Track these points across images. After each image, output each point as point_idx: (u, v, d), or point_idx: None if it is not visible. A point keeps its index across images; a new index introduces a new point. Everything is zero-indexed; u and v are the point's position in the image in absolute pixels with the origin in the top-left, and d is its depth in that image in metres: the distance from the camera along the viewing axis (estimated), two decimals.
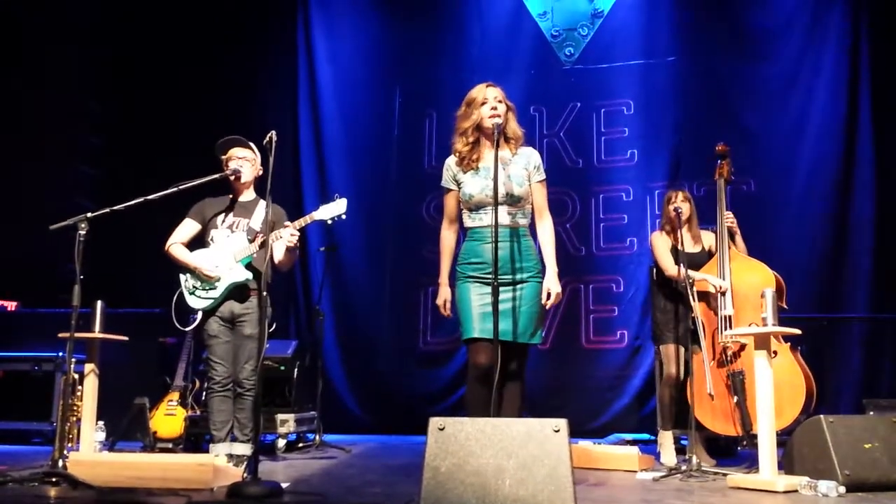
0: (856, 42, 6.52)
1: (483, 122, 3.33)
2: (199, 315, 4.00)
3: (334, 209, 3.90)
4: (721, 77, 6.74)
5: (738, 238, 4.61)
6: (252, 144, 4.08)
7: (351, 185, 7.29)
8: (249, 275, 3.95)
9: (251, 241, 3.96)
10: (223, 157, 4.09)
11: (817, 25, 6.69)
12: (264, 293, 3.35)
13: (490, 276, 3.17)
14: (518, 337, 3.25)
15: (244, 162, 4.07)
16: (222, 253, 3.98)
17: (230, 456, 3.86)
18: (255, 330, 3.85)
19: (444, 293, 3.41)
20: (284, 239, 3.86)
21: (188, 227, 4.11)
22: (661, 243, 4.65)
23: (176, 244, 4.07)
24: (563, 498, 2.32)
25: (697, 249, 4.65)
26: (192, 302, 4.00)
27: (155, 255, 4.21)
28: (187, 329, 4.09)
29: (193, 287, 4.01)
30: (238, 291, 3.97)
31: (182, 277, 4.05)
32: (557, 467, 2.35)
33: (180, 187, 3.81)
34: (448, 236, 3.50)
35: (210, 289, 3.97)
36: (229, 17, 7.47)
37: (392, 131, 7.46)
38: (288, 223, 3.94)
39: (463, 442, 2.46)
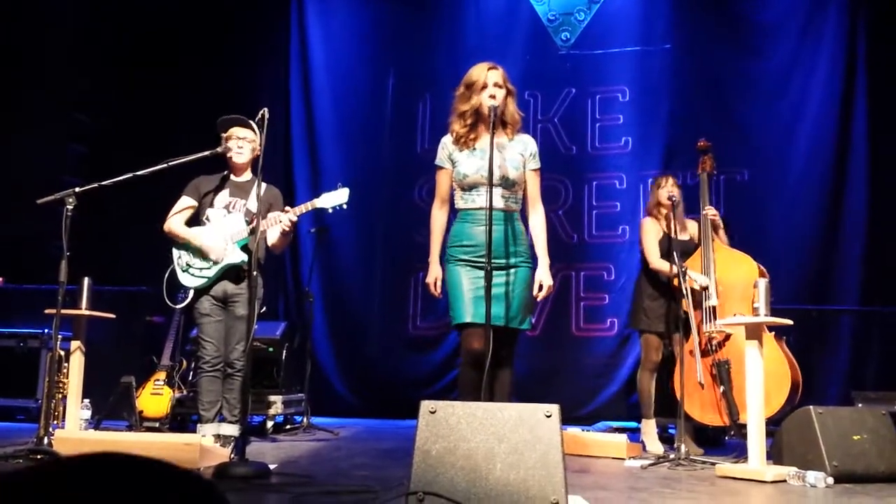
0: (852, 37, 6.51)
1: (481, 107, 3.29)
2: (191, 293, 3.96)
3: (336, 198, 3.86)
4: (717, 66, 6.71)
5: (722, 232, 4.62)
6: (254, 125, 3.99)
7: (342, 167, 7.24)
8: (245, 256, 3.91)
9: (248, 223, 3.92)
10: (223, 134, 4.03)
11: (814, 19, 6.67)
12: (254, 273, 3.32)
13: (480, 258, 3.16)
14: (509, 322, 3.22)
15: (244, 142, 4.01)
16: (219, 233, 3.93)
17: (217, 436, 3.83)
18: (245, 310, 3.82)
19: (435, 271, 3.37)
20: (283, 223, 3.81)
21: (187, 205, 4.04)
22: (650, 230, 4.63)
23: (176, 221, 4.01)
24: (553, 483, 2.30)
25: (686, 237, 4.65)
26: (185, 279, 3.96)
27: (141, 233, 4.16)
28: (177, 306, 4.05)
29: (187, 265, 3.96)
30: (233, 272, 3.94)
31: (175, 254, 4.00)
32: (549, 452, 2.33)
33: (170, 163, 3.75)
34: (439, 216, 3.45)
35: (205, 267, 3.92)
36: None
37: (385, 114, 7.40)
38: (288, 208, 3.90)
39: (454, 425, 2.43)
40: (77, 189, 3.57)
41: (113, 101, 7.26)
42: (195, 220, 4.04)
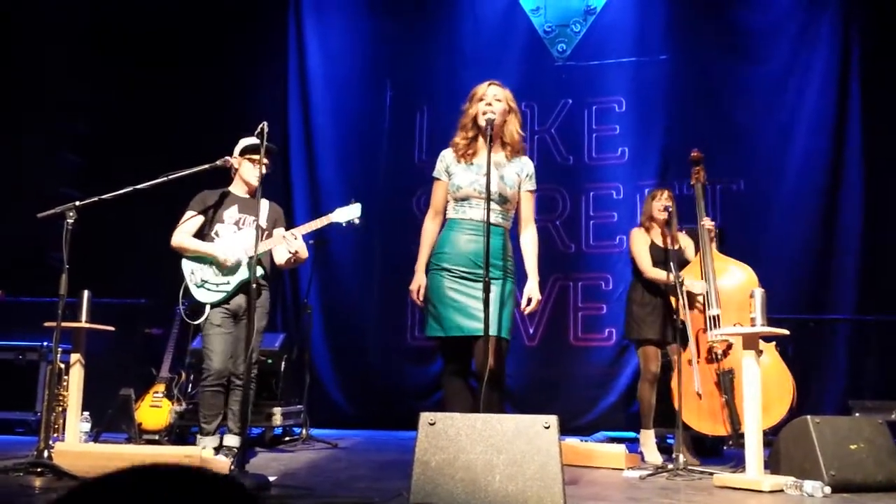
0: (846, 45, 6.55)
1: (477, 118, 3.34)
2: (207, 308, 3.94)
3: (350, 213, 3.92)
4: (712, 76, 6.75)
5: (713, 243, 4.63)
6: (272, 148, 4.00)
7: (340, 178, 7.26)
8: (261, 270, 3.93)
9: (260, 238, 3.94)
10: (247, 155, 4.04)
11: (809, 27, 6.72)
12: (253, 285, 3.34)
13: (459, 268, 3.25)
14: (491, 332, 3.23)
15: (265, 168, 4.04)
16: (233, 248, 3.95)
17: (220, 448, 3.84)
18: (261, 323, 3.87)
19: (420, 279, 3.41)
20: (293, 244, 3.85)
21: (195, 220, 4.03)
22: (639, 240, 4.67)
23: (186, 235, 4.00)
24: (552, 494, 2.32)
25: (676, 248, 4.67)
26: (201, 296, 3.94)
27: (140, 245, 4.15)
28: (195, 322, 4.02)
29: (202, 281, 3.95)
30: (248, 286, 3.95)
31: (187, 269, 3.98)
32: (547, 463, 2.35)
33: (170, 177, 3.77)
34: (431, 226, 3.49)
35: (223, 283, 3.93)
36: (220, 8, 7.38)
37: (383, 125, 7.42)
38: (305, 225, 3.94)
39: (453, 437, 2.45)
40: (77, 203, 3.59)
41: (112, 101, 7.23)
42: (199, 235, 4.05)
